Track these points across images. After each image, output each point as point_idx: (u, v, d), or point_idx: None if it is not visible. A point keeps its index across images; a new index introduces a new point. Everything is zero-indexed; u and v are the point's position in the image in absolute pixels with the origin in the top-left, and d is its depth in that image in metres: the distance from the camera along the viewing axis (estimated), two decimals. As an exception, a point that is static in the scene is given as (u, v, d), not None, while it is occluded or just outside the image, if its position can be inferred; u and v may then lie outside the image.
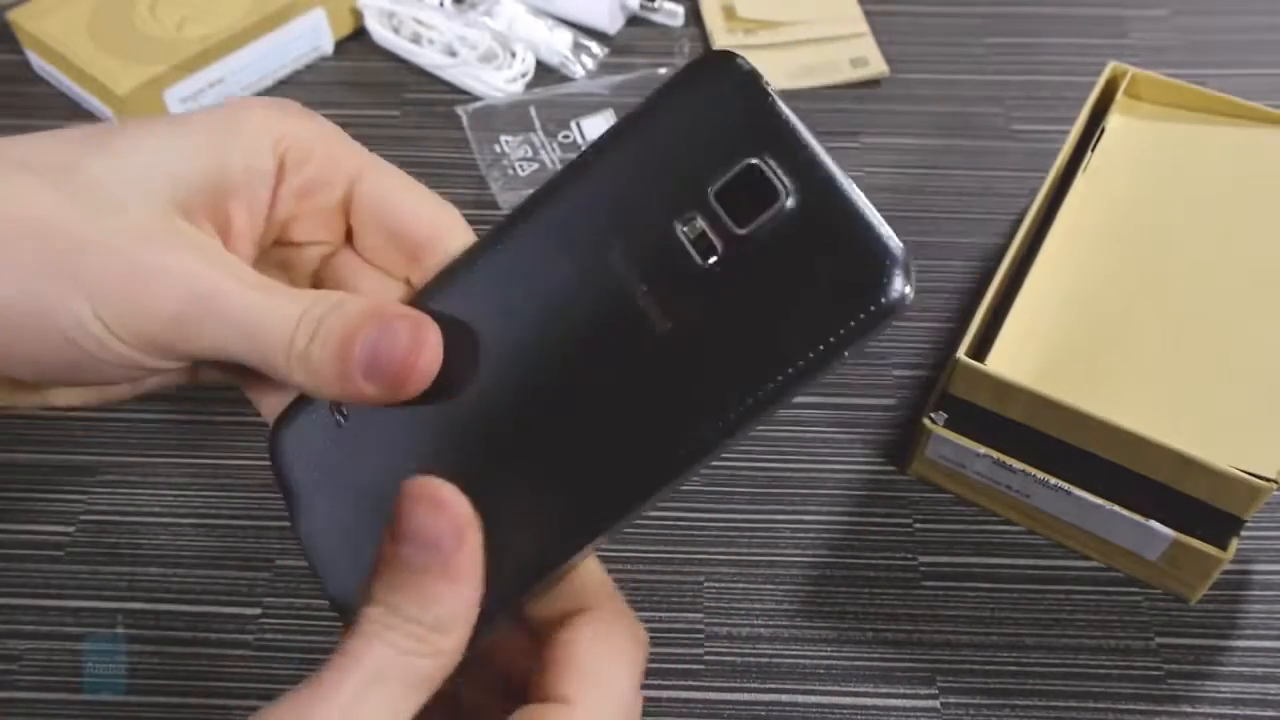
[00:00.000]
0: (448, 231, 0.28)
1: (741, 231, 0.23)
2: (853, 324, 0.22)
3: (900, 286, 0.21)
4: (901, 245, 0.22)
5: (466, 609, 0.23)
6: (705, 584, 0.43)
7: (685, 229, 0.23)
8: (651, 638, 0.25)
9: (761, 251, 0.23)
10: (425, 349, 0.25)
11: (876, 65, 0.63)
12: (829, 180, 0.22)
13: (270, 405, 0.29)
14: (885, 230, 0.22)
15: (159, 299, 0.24)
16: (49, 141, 0.26)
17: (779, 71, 0.63)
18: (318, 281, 0.29)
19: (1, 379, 0.27)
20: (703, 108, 0.24)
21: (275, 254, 0.29)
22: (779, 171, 0.23)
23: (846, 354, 0.22)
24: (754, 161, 0.23)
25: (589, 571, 0.26)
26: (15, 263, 0.24)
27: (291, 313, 0.25)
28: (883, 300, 0.21)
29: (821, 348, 0.22)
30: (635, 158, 0.25)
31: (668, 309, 0.23)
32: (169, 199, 0.25)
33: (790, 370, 0.22)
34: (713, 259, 0.23)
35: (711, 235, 0.23)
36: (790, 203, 0.22)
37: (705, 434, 0.23)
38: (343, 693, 0.22)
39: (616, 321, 0.24)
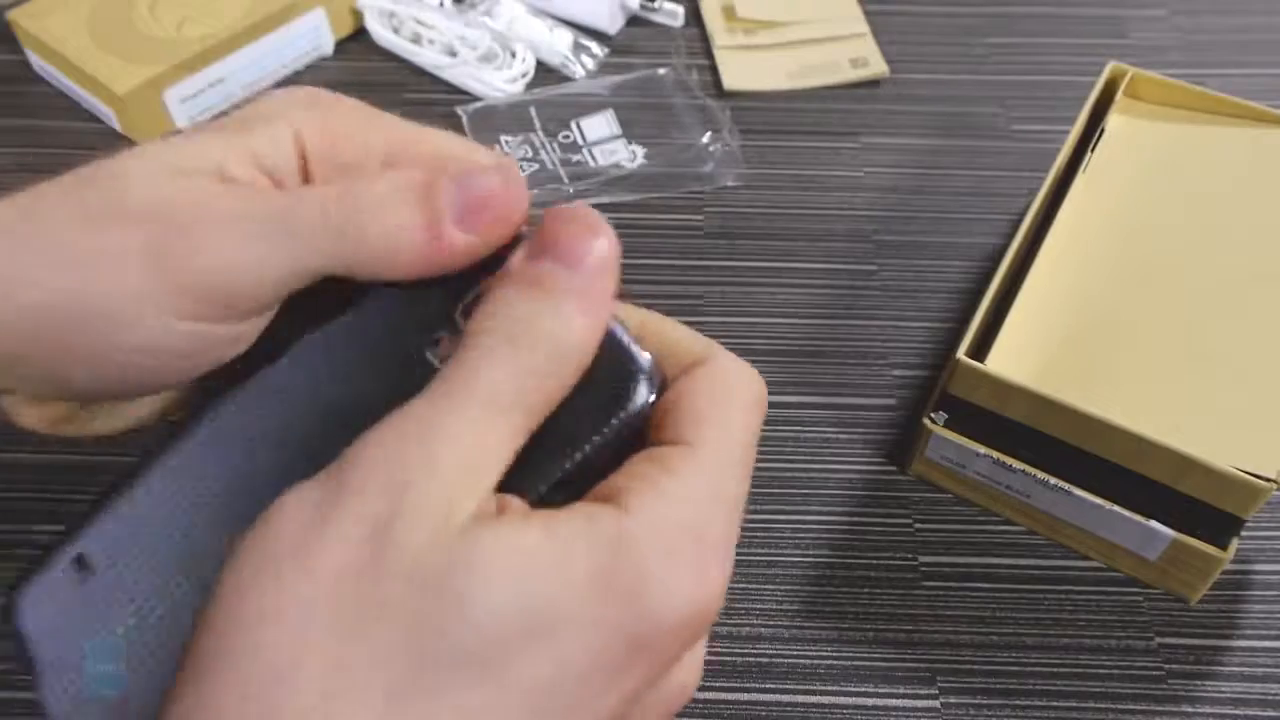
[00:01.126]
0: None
1: None
2: (596, 434, 0.22)
3: (644, 396, 0.22)
4: (648, 357, 0.23)
5: (592, 333, 0.22)
6: (705, 584, 0.43)
7: (431, 351, 0.24)
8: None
9: None
10: (521, 186, 0.24)
11: (876, 65, 0.63)
12: None
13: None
14: (630, 343, 0.23)
15: (214, 220, 0.24)
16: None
17: (779, 71, 0.63)
18: None
19: (55, 407, 0.27)
20: None
21: None
22: None
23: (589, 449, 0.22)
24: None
25: (687, 337, 0.25)
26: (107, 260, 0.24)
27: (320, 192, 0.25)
28: (623, 412, 0.22)
29: (567, 459, 0.22)
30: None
31: None
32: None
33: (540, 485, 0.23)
34: None
35: (453, 349, 0.23)
36: None
37: None
38: (458, 420, 0.21)
39: None
